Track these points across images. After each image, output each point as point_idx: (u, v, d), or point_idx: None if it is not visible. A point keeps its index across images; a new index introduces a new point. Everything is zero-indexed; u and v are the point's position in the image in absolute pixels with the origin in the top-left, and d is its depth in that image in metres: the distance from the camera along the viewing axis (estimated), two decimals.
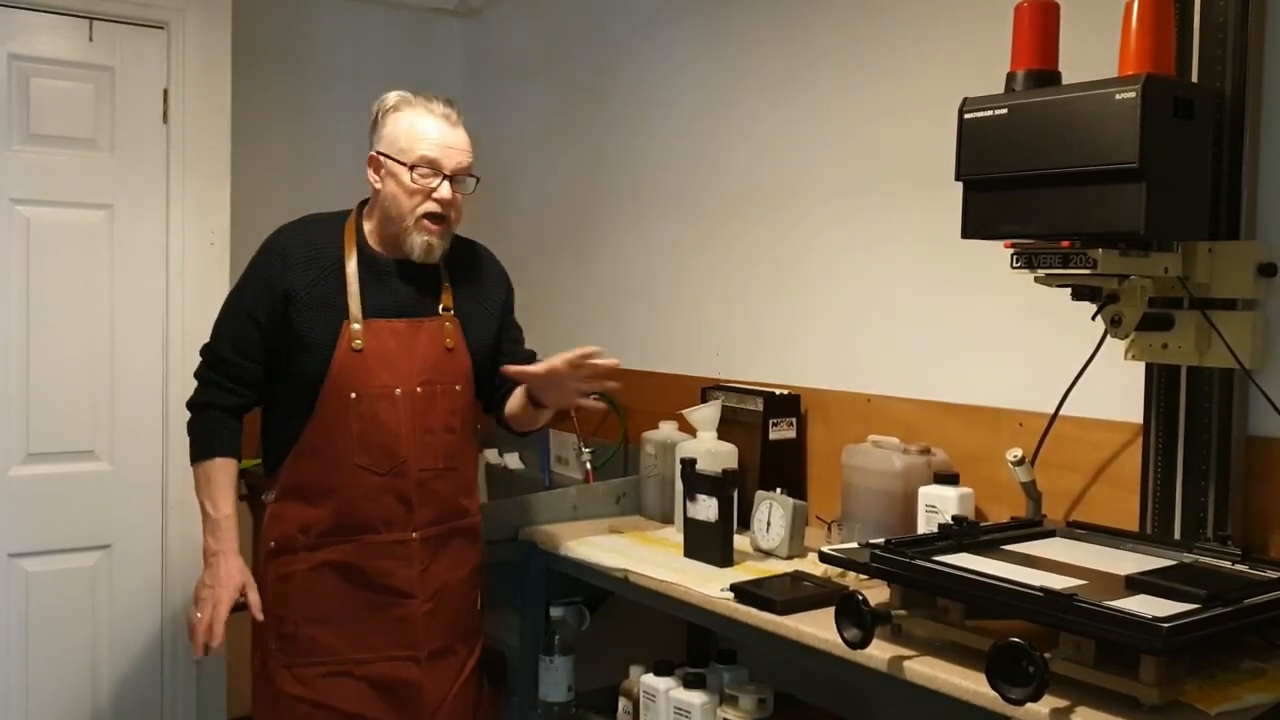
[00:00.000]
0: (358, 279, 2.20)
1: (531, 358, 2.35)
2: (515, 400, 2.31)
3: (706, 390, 2.72)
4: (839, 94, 2.59)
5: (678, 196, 3.06)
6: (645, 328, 3.17)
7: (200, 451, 2.23)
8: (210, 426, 2.24)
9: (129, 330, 2.96)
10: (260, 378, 2.23)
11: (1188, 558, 1.74)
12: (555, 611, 2.51)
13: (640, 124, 3.20)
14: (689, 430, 2.59)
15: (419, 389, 2.19)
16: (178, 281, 3.01)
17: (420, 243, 2.18)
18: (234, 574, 2.18)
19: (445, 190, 2.16)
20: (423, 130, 2.17)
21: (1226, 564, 1.70)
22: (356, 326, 2.17)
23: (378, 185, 2.21)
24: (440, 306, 2.25)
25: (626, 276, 3.25)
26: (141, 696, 3.01)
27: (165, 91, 2.98)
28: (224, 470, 2.22)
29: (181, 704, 3.05)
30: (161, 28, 2.97)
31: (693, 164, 3.01)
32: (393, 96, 2.22)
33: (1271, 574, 1.62)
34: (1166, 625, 1.36)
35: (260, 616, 2.18)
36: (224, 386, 2.23)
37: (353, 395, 2.15)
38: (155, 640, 3.02)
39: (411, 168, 2.15)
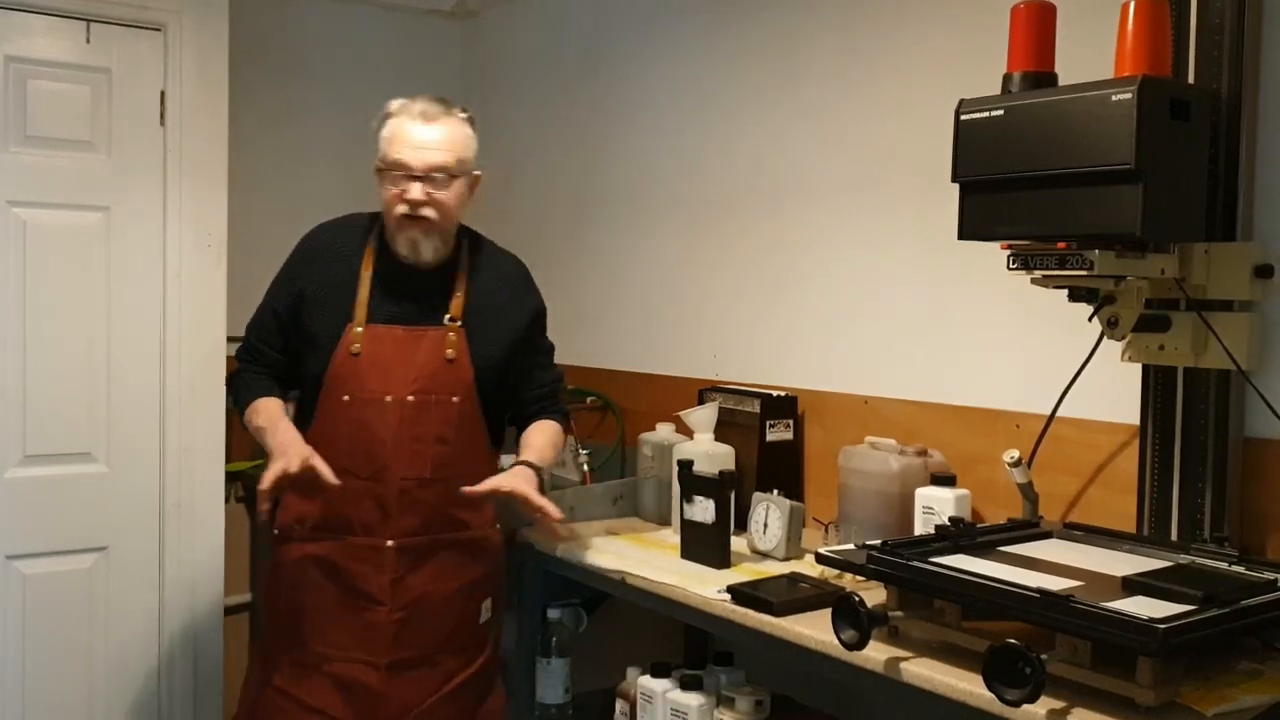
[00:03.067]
0: (369, 283, 2.23)
1: (559, 379, 2.41)
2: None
3: (704, 392, 2.72)
4: (836, 95, 2.59)
5: (675, 198, 3.06)
6: (642, 329, 3.17)
7: (243, 400, 2.29)
8: (248, 381, 2.31)
9: (126, 332, 2.95)
10: (283, 363, 2.30)
11: (1184, 559, 1.74)
12: (552, 613, 2.51)
13: (637, 126, 3.20)
14: (686, 432, 2.59)
15: (410, 397, 2.19)
16: (175, 283, 3.00)
17: (404, 240, 2.21)
18: (301, 444, 2.12)
19: (415, 191, 2.16)
20: (396, 134, 2.18)
21: (1223, 565, 1.70)
22: (358, 330, 2.19)
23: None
24: (446, 316, 2.25)
25: (624, 278, 3.24)
26: (139, 698, 3.01)
27: (162, 93, 2.98)
28: (270, 403, 2.26)
29: (179, 706, 3.04)
30: (159, 30, 2.97)
31: (689, 166, 3.01)
32: (391, 105, 2.23)
33: (1268, 575, 1.62)
34: (1163, 626, 1.36)
35: (334, 480, 2.09)
36: (252, 368, 2.33)
37: (345, 398, 2.18)
38: (152, 642, 3.01)
39: (385, 171, 2.18)
